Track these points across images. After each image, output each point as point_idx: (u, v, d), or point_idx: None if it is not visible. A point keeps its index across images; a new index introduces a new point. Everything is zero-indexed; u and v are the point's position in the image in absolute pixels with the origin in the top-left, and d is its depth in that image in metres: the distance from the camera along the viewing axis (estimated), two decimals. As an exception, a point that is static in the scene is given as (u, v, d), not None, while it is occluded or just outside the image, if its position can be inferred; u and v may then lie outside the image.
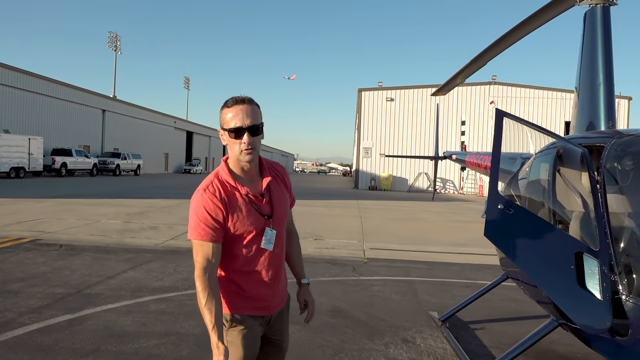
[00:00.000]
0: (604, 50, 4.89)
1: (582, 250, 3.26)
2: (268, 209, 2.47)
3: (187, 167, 66.79)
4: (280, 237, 2.54)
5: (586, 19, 5.16)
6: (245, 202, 2.40)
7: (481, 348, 5.15)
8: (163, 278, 7.54)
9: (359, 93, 43.10)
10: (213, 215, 2.34)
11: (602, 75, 4.85)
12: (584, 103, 5.08)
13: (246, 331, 2.44)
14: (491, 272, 8.93)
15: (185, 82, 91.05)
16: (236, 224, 2.37)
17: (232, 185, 2.41)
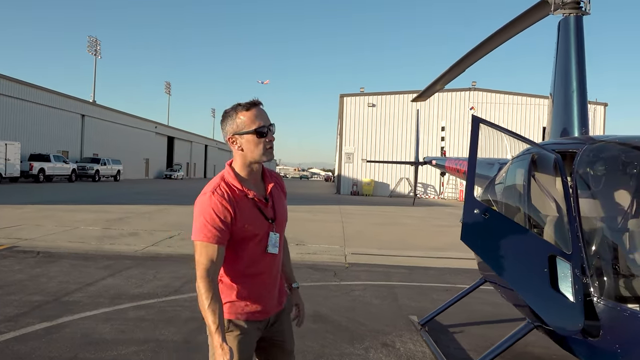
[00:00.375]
0: (577, 58, 5.02)
1: (555, 253, 3.34)
2: (272, 212, 2.51)
3: (168, 173, 66.23)
4: (282, 241, 2.60)
5: (560, 28, 5.28)
6: (251, 206, 2.43)
7: (459, 351, 5.22)
8: (142, 285, 7.47)
9: (340, 99, 43.29)
10: (221, 217, 2.32)
11: (576, 82, 4.98)
12: (558, 109, 5.20)
13: (242, 336, 2.44)
14: (470, 275, 9.02)
15: (167, 86, 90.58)
16: (244, 227, 2.38)
17: (240, 189, 2.42)
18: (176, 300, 6.68)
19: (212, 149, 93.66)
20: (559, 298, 3.26)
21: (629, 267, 3.23)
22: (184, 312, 6.18)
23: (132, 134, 59.72)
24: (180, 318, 5.91)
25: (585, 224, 3.42)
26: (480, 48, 6.33)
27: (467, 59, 6.67)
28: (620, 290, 3.16)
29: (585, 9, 5.14)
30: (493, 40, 6.17)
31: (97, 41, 63.92)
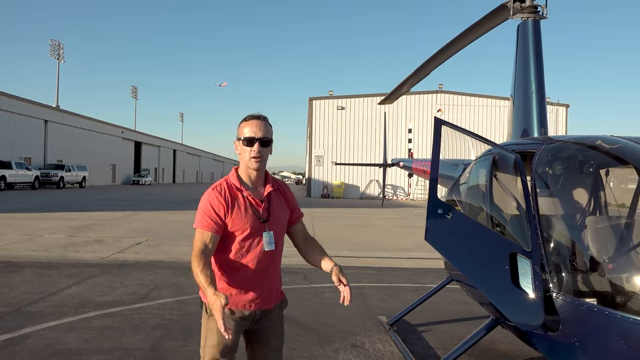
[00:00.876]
0: (535, 61, 5.17)
1: (516, 251, 3.42)
2: (265, 214, 2.79)
3: (136, 179, 65.07)
4: (277, 243, 2.82)
5: (519, 32, 5.43)
6: (245, 204, 2.75)
7: (428, 350, 5.29)
8: (109, 292, 7.33)
9: (310, 102, 43.37)
10: (216, 210, 2.68)
11: (535, 84, 5.12)
12: (518, 110, 5.34)
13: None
14: (439, 275, 9.14)
15: (133, 91, 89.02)
16: (234, 221, 2.70)
17: (237, 188, 2.77)
18: (143, 308, 6.57)
19: (181, 154, 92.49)
20: (520, 294, 3.34)
21: (586, 262, 3.34)
22: (151, 319, 6.08)
23: (98, 140, 58.49)
24: (147, 325, 5.82)
25: (544, 222, 3.52)
26: (443, 52, 6.46)
27: (431, 63, 6.79)
28: (578, 286, 3.27)
29: (542, 13, 5.30)
30: (455, 44, 6.30)
31: (60, 45, 62.44)
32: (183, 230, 15.08)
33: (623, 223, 3.60)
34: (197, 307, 6.53)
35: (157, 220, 18.09)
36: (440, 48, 6.45)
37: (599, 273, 3.23)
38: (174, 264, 9.81)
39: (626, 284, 3.04)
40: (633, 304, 2.93)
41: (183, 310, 6.53)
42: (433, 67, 7.11)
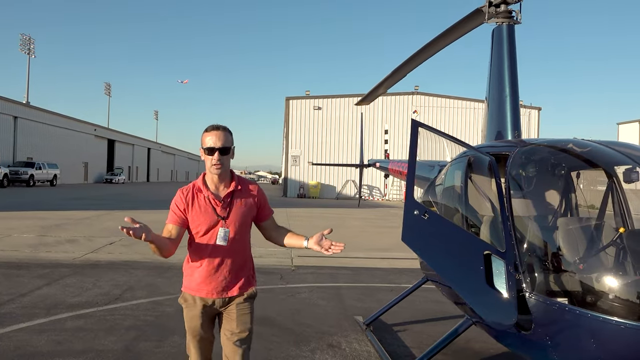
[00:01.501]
0: (509, 65, 5.27)
1: (490, 251, 3.48)
2: (224, 212, 3.13)
3: (109, 177, 63.92)
4: (236, 239, 3.14)
5: (494, 36, 5.53)
6: (205, 203, 3.13)
7: (404, 349, 5.34)
8: (81, 293, 7.20)
9: (286, 102, 43.30)
10: (177, 206, 3.14)
11: (509, 87, 5.22)
12: (492, 113, 5.44)
13: (189, 306, 3.17)
14: (414, 275, 9.24)
15: (106, 88, 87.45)
16: (193, 217, 3.11)
17: (200, 189, 3.17)
18: (117, 309, 6.48)
19: (155, 152, 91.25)
20: (493, 294, 3.40)
21: (558, 263, 3.42)
22: (125, 320, 6.00)
23: (70, 137, 57.28)
24: (121, 326, 5.74)
25: (518, 223, 3.59)
26: (419, 54, 6.53)
27: (407, 65, 6.86)
28: (550, 285, 3.34)
29: (516, 18, 5.41)
30: (431, 47, 6.38)
31: (31, 39, 61.02)
32: (158, 230, 14.79)
33: (593, 224, 3.70)
34: (172, 308, 6.53)
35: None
36: (416, 51, 6.53)
37: (571, 273, 3.31)
38: (148, 264, 9.69)
39: (596, 283, 3.13)
40: (603, 303, 3.02)
41: (158, 311, 6.46)
42: (409, 70, 7.18)
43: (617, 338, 2.88)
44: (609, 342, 2.92)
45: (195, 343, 3.17)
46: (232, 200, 3.17)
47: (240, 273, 3.22)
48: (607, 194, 3.73)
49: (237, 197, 3.19)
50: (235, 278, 3.19)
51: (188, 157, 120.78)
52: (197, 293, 3.13)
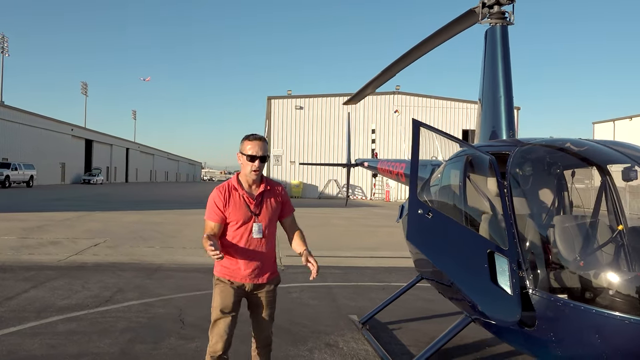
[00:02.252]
0: (503, 66, 5.34)
1: (493, 250, 3.53)
2: (257, 209, 3.58)
3: (87, 178, 62.88)
4: (266, 233, 3.58)
5: (487, 37, 5.59)
6: (240, 200, 3.56)
7: (400, 347, 5.38)
8: (70, 296, 7.08)
9: (268, 101, 43.16)
10: (217, 204, 3.52)
11: (503, 88, 5.29)
12: (486, 114, 5.50)
13: (222, 287, 3.57)
14: (404, 274, 9.31)
15: (83, 87, 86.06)
16: (231, 213, 3.52)
17: (235, 188, 3.59)
18: (108, 311, 6.39)
19: (134, 153, 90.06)
20: (498, 291, 3.45)
21: (561, 260, 3.48)
22: (118, 322, 5.92)
23: (46, 137, 56.19)
24: (115, 329, 5.66)
25: (520, 221, 3.65)
26: (410, 54, 6.56)
27: (397, 64, 6.88)
28: (554, 282, 3.40)
29: (509, 19, 5.48)
30: (423, 47, 6.42)
31: (4, 38, 59.69)
32: (141, 232, 14.73)
33: (593, 222, 3.78)
34: (165, 310, 6.46)
35: (113, 221, 17.59)
36: (407, 50, 6.56)
37: (574, 270, 3.37)
38: (136, 265, 9.58)
39: (600, 280, 3.20)
40: (606, 299, 3.08)
41: (150, 312, 6.38)
42: (399, 69, 7.20)
43: (622, 333, 2.95)
44: (613, 338, 2.99)
45: (225, 320, 3.51)
46: (263, 199, 3.62)
47: (270, 263, 3.68)
48: (608, 191, 3.81)
49: (267, 196, 3.65)
50: (266, 267, 3.62)
51: (167, 157, 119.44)
52: (232, 278, 3.55)
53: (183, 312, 6.42)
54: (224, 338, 3.49)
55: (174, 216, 20.28)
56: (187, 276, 8.73)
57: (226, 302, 3.52)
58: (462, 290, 3.74)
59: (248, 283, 3.57)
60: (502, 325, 3.58)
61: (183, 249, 11.86)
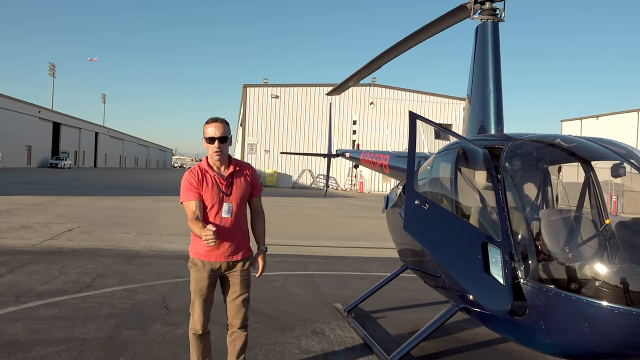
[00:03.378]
0: (493, 62, 5.42)
1: (487, 241, 3.63)
2: (227, 189, 3.69)
3: (54, 162, 61.26)
4: (237, 212, 3.69)
5: (478, 33, 5.67)
6: (212, 181, 3.67)
7: (385, 335, 5.48)
8: (49, 281, 6.95)
9: (243, 89, 42.79)
10: (192, 183, 3.63)
11: (492, 84, 5.38)
12: (475, 109, 5.60)
13: (197, 269, 3.70)
14: (383, 264, 9.45)
15: (51, 68, 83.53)
16: (204, 193, 3.63)
17: (206, 170, 3.70)
18: (90, 297, 6.31)
19: (103, 137, 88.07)
20: (490, 281, 3.56)
21: (551, 252, 3.60)
22: (101, 308, 5.86)
23: (12, 119, 54.38)
24: (99, 314, 5.60)
25: (512, 214, 3.76)
26: (398, 46, 6.60)
27: (384, 56, 6.89)
28: (545, 273, 3.52)
29: (500, 16, 5.56)
30: (411, 40, 6.46)
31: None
32: (116, 218, 14.51)
33: (583, 215, 3.92)
34: (148, 296, 6.42)
35: (86, 206, 17.26)
36: (395, 43, 6.59)
37: (564, 261, 3.50)
38: (113, 251, 9.45)
39: (590, 271, 3.32)
40: (595, 290, 3.21)
41: (134, 299, 6.33)
42: (385, 61, 7.23)
43: (610, 322, 3.08)
44: (601, 326, 3.12)
45: (201, 302, 3.69)
46: (233, 180, 3.73)
47: (242, 241, 3.77)
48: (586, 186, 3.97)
49: (236, 176, 3.76)
50: (238, 245, 3.73)
51: (138, 142, 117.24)
52: (206, 257, 3.67)
53: (167, 299, 6.39)
54: (202, 318, 3.71)
55: (148, 202, 20.01)
56: (167, 263, 8.66)
57: (201, 285, 3.69)
58: (456, 279, 3.84)
59: (223, 262, 3.68)
60: (494, 314, 3.69)
61: (160, 235, 11.74)
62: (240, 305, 3.80)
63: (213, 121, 3.67)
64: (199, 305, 3.71)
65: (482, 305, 3.69)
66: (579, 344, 3.26)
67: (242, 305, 3.80)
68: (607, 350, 3.21)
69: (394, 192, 6.30)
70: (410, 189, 3.85)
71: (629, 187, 3.85)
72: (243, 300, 3.80)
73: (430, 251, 4.05)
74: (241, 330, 3.85)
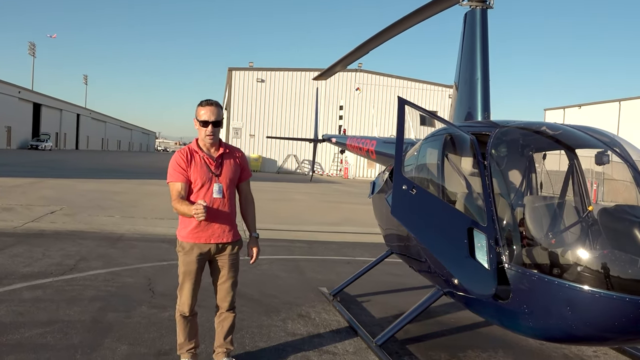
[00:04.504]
0: (482, 49, 5.45)
1: (473, 226, 3.68)
2: (217, 169, 3.69)
3: (35, 143, 60.13)
4: (227, 193, 3.69)
5: (466, 20, 5.68)
6: (201, 161, 3.68)
7: (371, 318, 5.54)
8: (32, 263, 6.88)
9: (229, 72, 42.37)
10: (180, 164, 3.62)
11: (480, 71, 5.41)
12: (462, 96, 5.62)
13: (186, 253, 3.71)
14: (367, 249, 9.53)
15: (31, 48, 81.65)
16: (193, 173, 3.63)
17: (195, 151, 3.71)
18: (75, 279, 6.26)
19: (85, 119, 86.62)
20: (475, 266, 3.61)
21: (535, 237, 3.67)
22: (86, 290, 5.83)
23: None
24: (83, 297, 5.57)
25: (498, 200, 3.81)
26: (386, 32, 6.56)
27: (372, 42, 6.85)
28: (529, 258, 3.58)
29: (489, 3, 5.58)
30: (399, 25, 6.43)
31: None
32: (99, 201, 14.36)
33: (566, 202, 3.99)
34: (133, 279, 6.40)
35: (68, 188, 17.04)
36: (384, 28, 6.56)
37: (547, 246, 3.56)
38: (97, 234, 9.37)
39: (572, 256, 3.39)
40: (578, 274, 3.28)
41: (118, 282, 6.30)
42: (373, 46, 7.19)
43: (591, 306, 3.16)
44: (583, 310, 3.20)
45: (189, 284, 3.73)
46: (222, 161, 3.74)
47: (231, 223, 3.79)
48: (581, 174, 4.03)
49: (226, 158, 3.77)
50: (227, 227, 3.75)
51: (120, 125, 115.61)
52: (195, 240, 3.67)
53: (152, 282, 6.37)
54: (190, 300, 3.75)
55: (132, 186, 19.83)
56: (152, 246, 8.62)
57: (189, 268, 3.71)
58: (441, 264, 3.89)
59: (212, 243, 3.69)
60: (478, 297, 3.75)
61: (144, 219, 11.66)
62: (229, 289, 3.85)
63: (207, 104, 3.65)
64: (188, 288, 3.74)
65: (467, 289, 3.75)
66: (560, 327, 3.34)
67: (231, 289, 3.86)
68: (588, 333, 3.29)
69: (380, 177, 6.33)
70: (398, 175, 3.88)
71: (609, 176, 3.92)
72: (232, 284, 3.85)
73: (416, 236, 4.09)
74: (229, 312, 3.92)
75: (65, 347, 4.21)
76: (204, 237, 3.67)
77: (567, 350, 4.92)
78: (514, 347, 4.93)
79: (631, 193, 3.64)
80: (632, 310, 3.03)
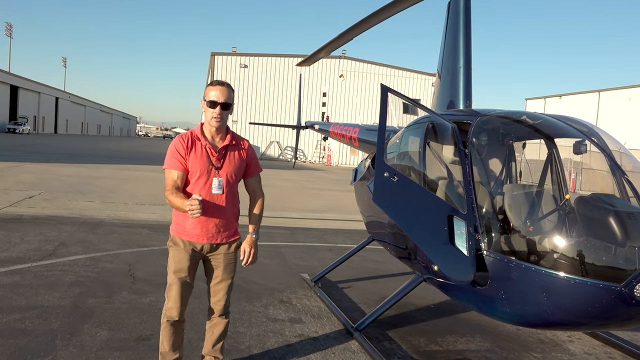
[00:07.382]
0: (465, 38, 5.48)
1: (453, 213, 3.73)
2: (219, 162, 3.33)
3: (12, 127, 58.89)
4: (227, 189, 3.34)
5: (450, 8, 5.70)
6: (202, 151, 3.32)
7: (352, 304, 5.60)
8: (9, 249, 6.79)
9: (212, 57, 41.96)
10: (178, 151, 3.29)
11: (463, 59, 5.44)
12: (445, 84, 5.66)
13: (177, 249, 3.38)
14: (349, 236, 9.59)
15: (7, 28, 79.61)
16: (191, 162, 3.28)
17: (197, 138, 3.35)
18: (54, 265, 6.20)
19: (64, 102, 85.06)
20: (455, 253, 3.66)
21: (513, 225, 3.73)
22: (65, 276, 5.77)
23: (-34, 80, 51.98)
24: (63, 282, 5.52)
25: (478, 188, 3.86)
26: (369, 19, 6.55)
27: (355, 29, 6.84)
28: (507, 245, 3.65)
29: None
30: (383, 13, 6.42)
31: None
32: (78, 186, 14.17)
33: (544, 190, 4.06)
34: (113, 265, 6.35)
35: (47, 173, 16.76)
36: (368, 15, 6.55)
37: (525, 234, 3.63)
38: (76, 219, 9.26)
39: (548, 243, 3.46)
40: (553, 261, 3.35)
41: (98, 267, 6.25)
42: (356, 34, 7.18)
43: (567, 292, 3.23)
44: (558, 296, 3.27)
45: (178, 285, 3.35)
46: (226, 153, 3.38)
47: (229, 222, 3.45)
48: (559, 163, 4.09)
49: (231, 150, 3.41)
50: (224, 226, 3.41)
51: (100, 109, 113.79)
52: (188, 237, 3.35)
53: (133, 268, 6.34)
54: (178, 304, 3.34)
55: (112, 171, 19.59)
56: (132, 232, 8.56)
57: (180, 266, 3.35)
58: (422, 250, 3.93)
59: (205, 244, 3.36)
60: (457, 284, 3.81)
61: (125, 204, 11.55)
62: (222, 291, 3.50)
63: (218, 84, 3.30)
64: (176, 289, 3.34)
65: (446, 276, 3.81)
66: (536, 313, 3.41)
67: (224, 291, 3.50)
68: (563, 319, 3.37)
69: (362, 164, 6.36)
70: (380, 162, 3.90)
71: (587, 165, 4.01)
72: (226, 286, 3.50)
73: (397, 223, 4.13)
74: (221, 317, 3.57)
75: (44, 333, 4.18)
76: (196, 236, 3.33)
77: (543, 335, 5.04)
78: (492, 333, 5.03)
79: (607, 182, 3.73)
80: (605, 297, 3.11)
